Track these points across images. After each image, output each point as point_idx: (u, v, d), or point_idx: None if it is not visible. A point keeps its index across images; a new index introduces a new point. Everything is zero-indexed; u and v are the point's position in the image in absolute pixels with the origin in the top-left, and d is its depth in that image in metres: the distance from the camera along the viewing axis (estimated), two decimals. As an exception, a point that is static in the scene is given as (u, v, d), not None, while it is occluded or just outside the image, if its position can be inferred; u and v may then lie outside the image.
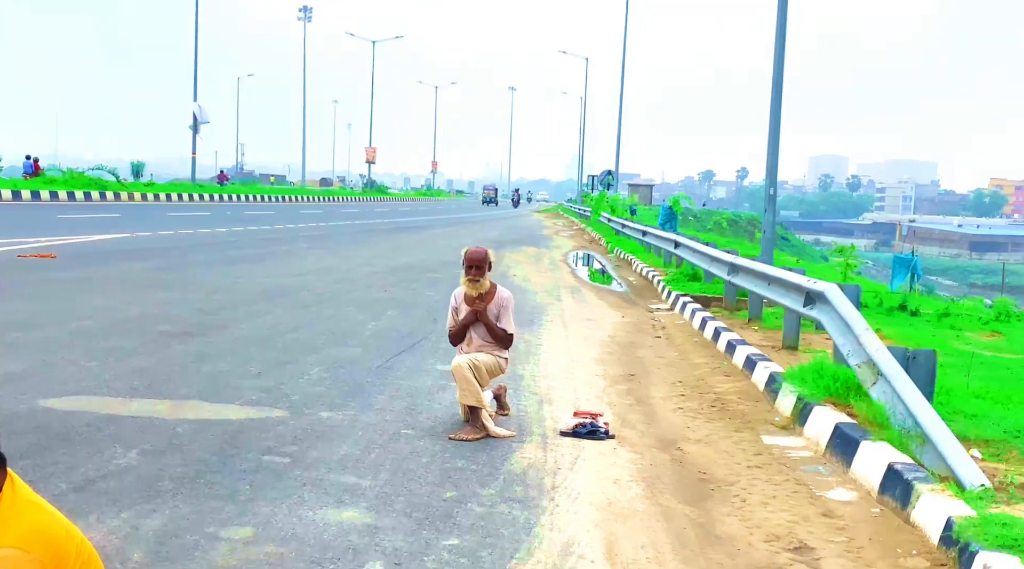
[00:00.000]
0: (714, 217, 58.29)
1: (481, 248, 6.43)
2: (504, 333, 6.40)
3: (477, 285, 6.34)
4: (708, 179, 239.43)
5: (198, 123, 53.40)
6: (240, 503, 4.54)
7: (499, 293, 6.46)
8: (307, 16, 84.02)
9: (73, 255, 15.39)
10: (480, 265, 6.32)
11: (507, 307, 6.44)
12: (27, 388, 6.41)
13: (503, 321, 6.40)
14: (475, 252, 6.37)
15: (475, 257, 6.35)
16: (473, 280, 6.34)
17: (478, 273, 6.33)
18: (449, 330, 6.55)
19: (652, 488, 5.28)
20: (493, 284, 6.49)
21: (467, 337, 6.45)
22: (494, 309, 6.39)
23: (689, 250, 16.16)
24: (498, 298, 6.43)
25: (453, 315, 6.51)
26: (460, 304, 6.47)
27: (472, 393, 6.13)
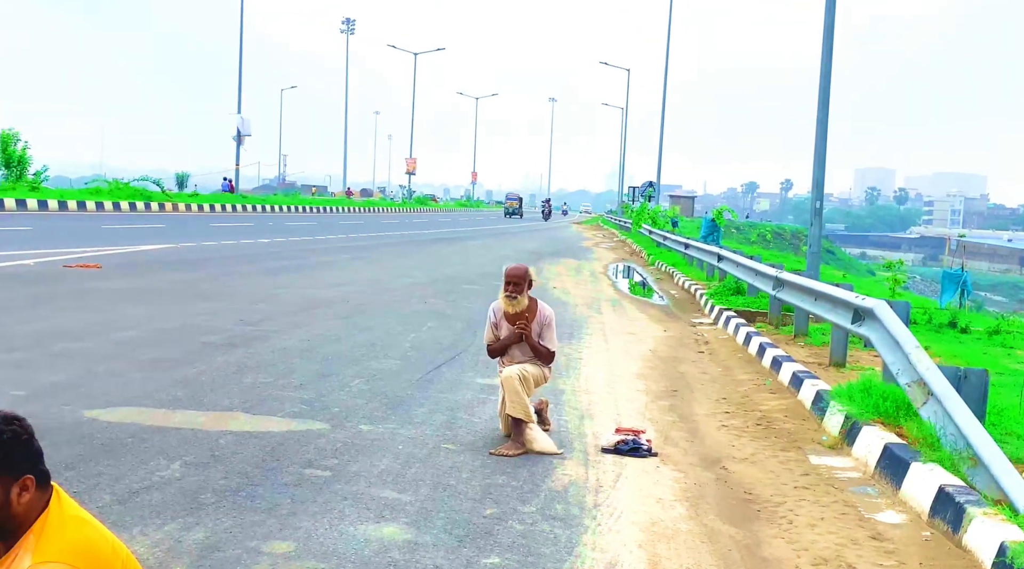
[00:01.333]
0: (758, 230, 57.76)
1: (521, 265, 6.30)
2: (547, 351, 6.30)
3: (515, 303, 6.20)
4: (752, 191, 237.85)
5: (241, 135, 54.06)
6: (281, 517, 4.52)
7: (541, 311, 6.32)
8: (350, 29, 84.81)
9: (118, 265, 15.59)
10: (518, 283, 6.18)
11: (550, 324, 6.32)
12: (72, 398, 6.46)
13: (546, 339, 6.30)
14: (514, 269, 6.23)
15: (514, 274, 6.20)
16: (511, 297, 6.19)
17: (516, 290, 6.18)
18: (488, 344, 6.43)
19: (696, 508, 5.19)
20: (534, 300, 6.35)
21: (508, 353, 6.37)
22: (536, 327, 6.28)
23: (733, 263, 16.00)
24: (540, 316, 6.30)
25: (492, 330, 6.38)
26: (500, 320, 6.34)
27: (521, 405, 6.03)
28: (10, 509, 2.26)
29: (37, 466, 2.33)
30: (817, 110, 14.38)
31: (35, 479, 2.30)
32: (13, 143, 36.66)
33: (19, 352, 7.86)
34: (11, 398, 6.34)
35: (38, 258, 15.67)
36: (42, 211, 32.41)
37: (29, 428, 2.34)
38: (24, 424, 2.34)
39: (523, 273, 6.21)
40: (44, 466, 2.36)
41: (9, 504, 2.26)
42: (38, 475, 2.32)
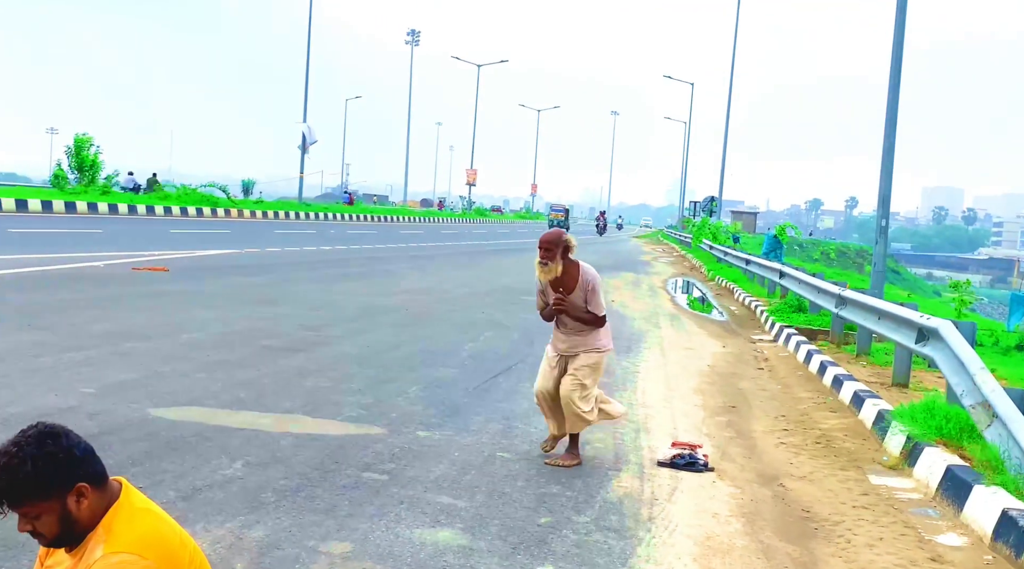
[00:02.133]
0: (821, 247, 56.96)
1: (556, 230, 5.92)
2: (594, 317, 5.95)
3: (546, 269, 5.83)
4: (815, 208, 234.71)
5: (307, 143, 54.88)
6: (339, 518, 4.59)
7: (583, 275, 5.91)
8: (415, 40, 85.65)
9: (184, 269, 15.93)
10: (550, 248, 5.81)
11: (594, 289, 5.91)
12: (139, 397, 6.63)
13: (592, 304, 5.92)
14: (547, 235, 5.89)
15: (545, 239, 5.86)
16: (542, 263, 5.82)
17: (547, 256, 5.81)
18: (539, 310, 6.17)
19: (752, 524, 5.15)
20: (576, 265, 5.93)
21: (560, 319, 6.08)
22: (580, 293, 5.89)
23: (795, 280, 15.81)
24: (583, 281, 5.89)
25: (540, 296, 6.09)
26: (546, 286, 5.99)
27: (583, 421, 6.02)
28: (73, 518, 2.32)
29: (87, 470, 2.35)
30: (884, 127, 14.18)
31: (89, 483, 2.33)
32: (86, 148, 37.65)
33: (89, 351, 8.08)
34: (81, 395, 6.52)
35: (108, 260, 16.09)
36: (112, 215, 33.23)
37: (69, 441, 2.33)
38: (59, 440, 2.32)
39: (555, 238, 5.84)
40: (97, 466, 2.38)
41: (70, 514, 2.31)
42: (91, 478, 2.35)
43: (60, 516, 2.30)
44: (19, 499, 2.26)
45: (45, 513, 2.29)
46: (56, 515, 2.29)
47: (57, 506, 2.29)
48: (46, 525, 2.30)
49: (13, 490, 2.25)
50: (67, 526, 2.32)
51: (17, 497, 2.26)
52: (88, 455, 2.37)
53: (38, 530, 2.31)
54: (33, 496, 2.26)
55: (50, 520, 2.29)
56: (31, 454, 2.26)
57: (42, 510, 2.28)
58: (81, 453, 2.35)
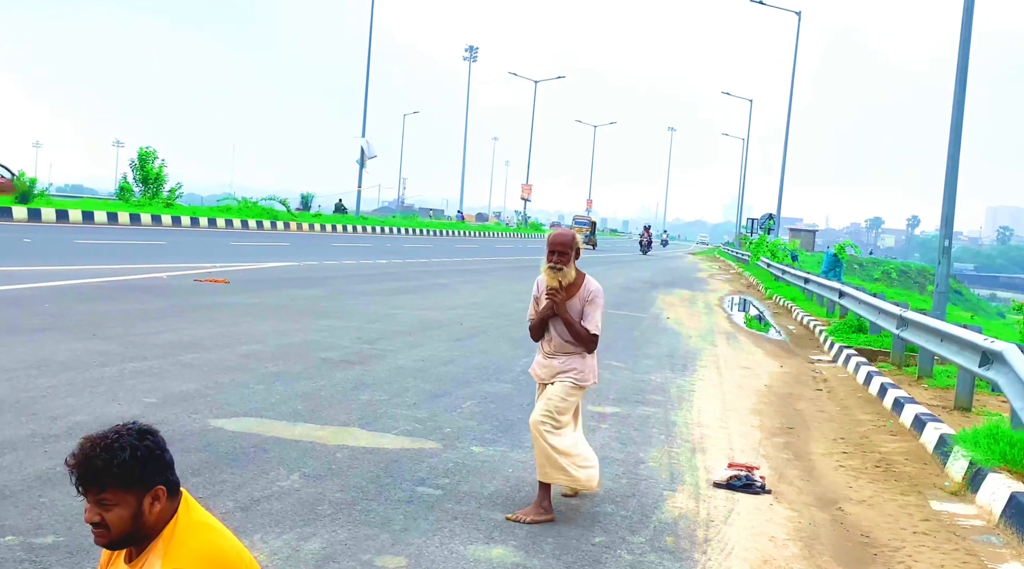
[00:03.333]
0: (882, 267, 56.09)
1: (567, 231, 5.46)
2: (585, 332, 5.35)
3: (559, 274, 5.31)
4: (876, 226, 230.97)
5: (365, 158, 55.49)
6: (394, 532, 4.62)
7: (587, 284, 5.40)
8: (472, 56, 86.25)
9: (244, 281, 16.18)
10: (564, 251, 5.30)
11: (594, 301, 5.38)
12: (199, 407, 6.74)
13: (588, 318, 5.36)
14: (558, 235, 5.39)
15: (558, 241, 5.33)
16: (554, 268, 5.31)
17: (561, 260, 5.29)
18: (529, 321, 5.65)
19: (810, 548, 5.07)
20: (581, 273, 5.44)
21: (547, 334, 5.54)
22: (578, 303, 5.37)
23: (855, 300, 15.58)
24: (584, 290, 5.38)
25: (534, 305, 5.57)
26: (541, 293, 5.50)
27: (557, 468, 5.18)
28: (143, 518, 2.38)
29: (168, 476, 2.43)
30: (948, 145, 13.93)
31: (166, 489, 2.41)
32: (151, 161, 38.49)
33: (152, 361, 8.24)
34: (144, 405, 6.65)
35: (171, 272, 16.41)
36: (175, 227, 33.90)
37: (162, 442, 2.45)
38: (157, 438, 2.44)
39: (569, 240, 5.36)
40: (175, 475, 2.47)
41: (142, 514, 2.37)
42: (168, 485, 2.42)
43: (133, 512, 2.36)
44: (106, 483, 2.33)
45: (121, 505, 2.35)
46: (130, 510, 2.35)
47: (134, 501, 2.36)
48: (116, 518, 2.35)
49: (106, 472, 2.32)
50: (135, 525, 2.37)
51: (106, 481, 2.33)
52: (172, 462, 2.47)
53: (106, 521, 2.35)
54: (120, 483, 2.33)
55: (123, 514, 2.35)
56: (130, 443, 2.36)
57: (120, 501, 2.34)
58: (168, 458, 2.46)
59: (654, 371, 10.68)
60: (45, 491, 4.69)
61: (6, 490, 4.66)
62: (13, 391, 6.66)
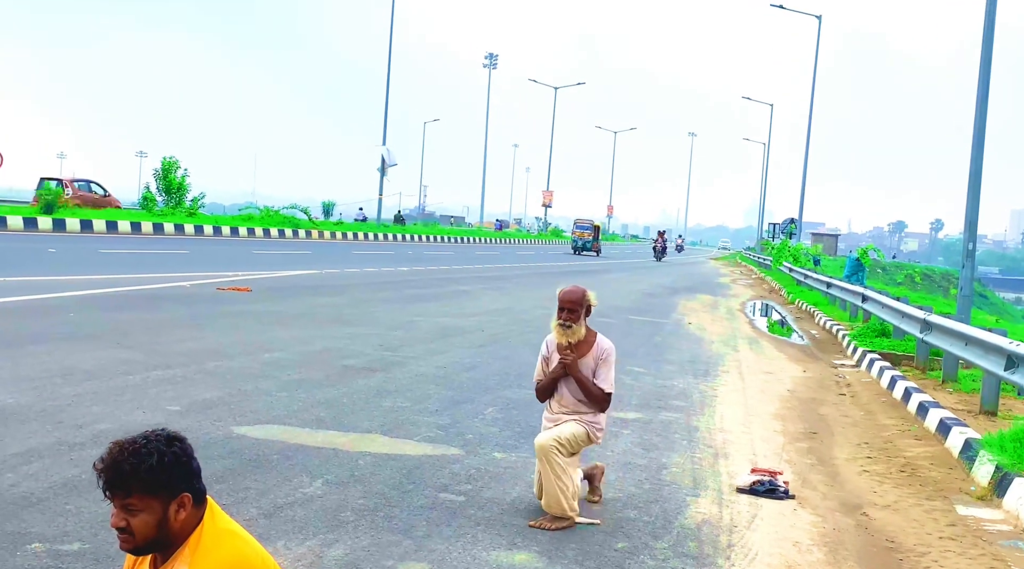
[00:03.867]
0: (905, 270, 55.70)
1: (577, 288, 5.30)
2: (599, 391, 5.23)
3: (569, 332, 5.21)
4: (899, 230, 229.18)
5: (386, 166, 55.68)
6: (417, 538, 4.63)
7: (599, 343, 5.31)
8: (492, 63, 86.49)
9: (266, 289, 16.27)
10: (574, 308, 5.20)
11: (607, 360, 5.27)
12: (222, 415, 6.78)
13: (601, 377, 5.24)
14: (569, 292, 5.26)
15: (568, 299, 5.23)
16: (564, 326, 5.21)
17: (571, 317, 5.20)
18: (536, 383, 5.48)
19: (835, 554, 5.04)
20: (592, 332, 5.34)
21: (557, 393, 5.38)
22: (591, 361, 5.25)
23: (878, 304, 15.48)
24: (597, 349, 5.28)
25: (543, 364, 5.42)
26: (552, 353, 5.37)
27: (556, 498, 5.02)
28: (168, 525, 2.40)
29: (194, 484, 2.45)
30: (972, 147, 13.83)
31: (192, 497, 2.43)
32: (173, 171, 38.80)
33: (176, 369, 8.30)
34: (168, 413, 6.70)
35: (194, 281, 16.52)
36: (198, 236, 34.13)
37: (189, 449, 2.46)
38: (185, 446, 2.45)
39: (579, 297, 5.23)
40: (201, 484, 2.48)
41: (167, 520, 2.39)
42: (195, 493, 2.44)
43: (158, 519, 2.37)
44: (133, 488, 2.35)
45: (146, 511, 2.36)
46: (155, 516, 2.37)
47: (160, 507, 2.37)
48: (141, 524, 2.37)
49: (133, 477, 2.34)
50: (160, 532, 2.39)
51: (133, 485, 2.34)
52: (198, 471, 2.49)
53: (131, 527, 2.37)
54: (146, 489, 2.35)
55: (148, 520, 2.37)
56: (158, 449, 2.38)
57: (146, 506, 2.36)
58: (195, 466, 2.48)
59: (676, 377, 10.65)
60: (71, 499, 4.73)
61: (32, 497, 4.71)
62: (39, 399, 6.73)
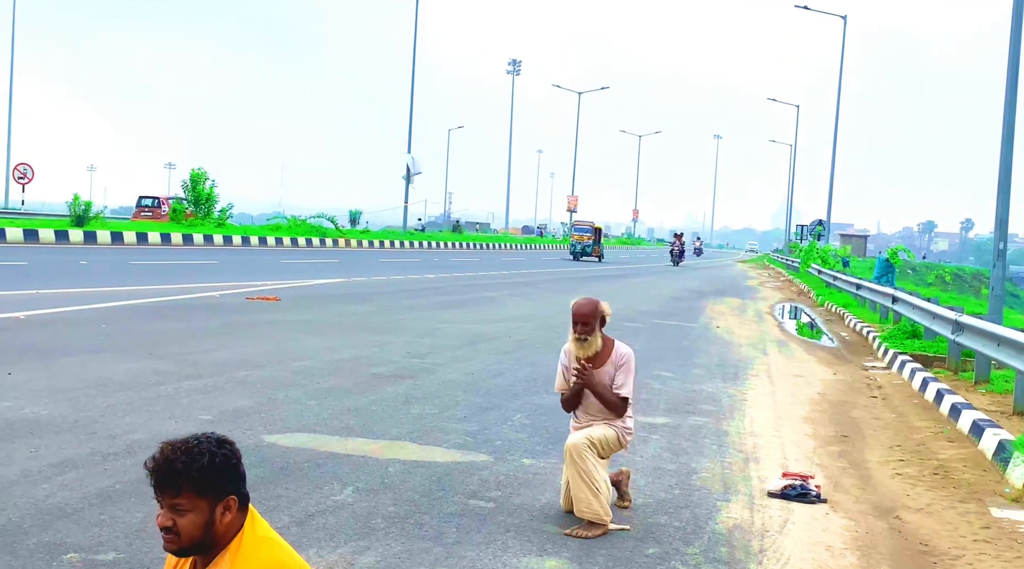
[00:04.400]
0: (935, 271, 55.15)
1: (591, 300, 5.32)
2: (616, 399, 5.25)
3: (585, 345, 5.23)
4: (929, 230, 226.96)
5: (411, 174, 55.93)
6: (447, 545, 4.64)
7: (617, 350, 5.33)
8: (516, 69, 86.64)
9: (295, 298, 16.38)
10: (588, 321, 5.21)
11: (626, 366, 5.29)
12: (253, 423, 6.84)
13: (619, 383, 5.27)
14: (582, 305, 5.27)
15: (581, 312, 5.24)
16: (580, 339, 5.24)
17: (585, 331, 5.21)
18: (559, 392, 5.54)
19: (868, 557, 5.00)
20: (609, 340, 5.37)
21: (583, 402, 5.40)
22: (610, 369, 5.28)
23: (908, 306, 15.35)
24: (616, 355, 5.30)
25: (563, 375, 5.45)
26: (571, 363, 5.36)
27: (587, 502, 4.99)
28: (213, 527, 2.43)
29: (240, 488, 2.49)
30: (1001, 145, 13.69)
31: (237, 500, 2.46)
32: (202, 182, 39.17)
33: (207, 379, 8.38)
34: (199, 422, 6.76)
35: (223, 291, 16.67)
36: (227, 246, 34.42)
37: (238, 453, 2.51)
38: (234, 449, 2.50)
39: (592, 310, 5.25)
40: (246, 489, 2.52)
41: (213, 522, 2.43)
42: (240, 496, 2.48)
43: (205, 520, 2.41)
44: (183, 487, 2.38)
45: (194, 511, 2.40)
46: (203, 517, 2.41)
47: (207, 508, 2.41)
48: (188, 524, 2.40)
49: (185, 475, 2.38)
50: (206, 534, 2.42)
51: (183, 484, 2.38)
52: (244, 476, 2.53)
53: (178, 527, 2.40)
54: (196, 488, 2.39)
55: (195, 520, 2.40)
56: (210, 449, 2.42)
57: (193, 506, 2.40)
58: (242, 470, 2.52)
59: (705, 381, 10.61)
60: (106, 508, 4.79)
61: (68, 508, 4.77)
62: (73, 410, 6.81)
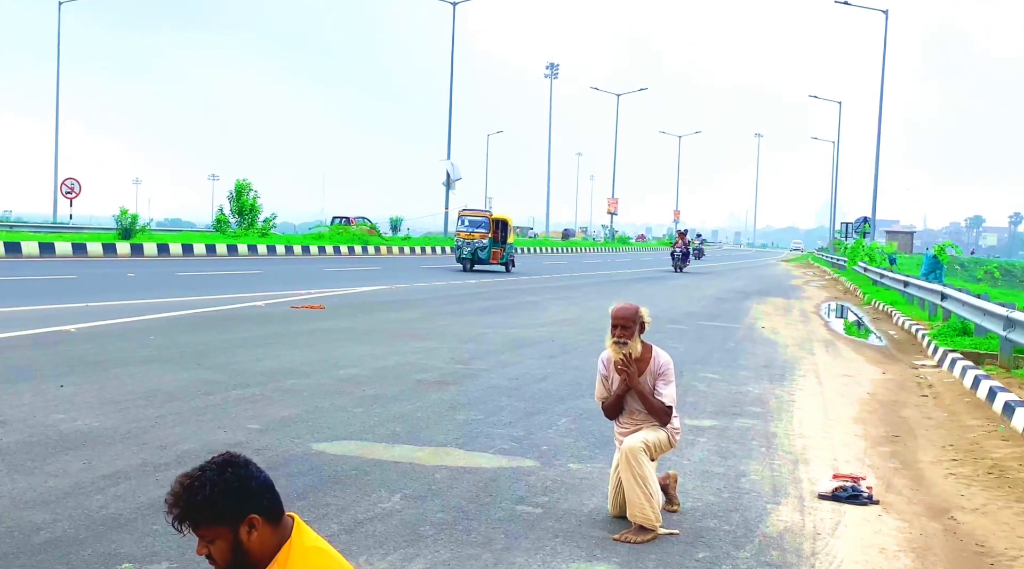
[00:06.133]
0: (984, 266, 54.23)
1: (630, 305, 5.34)
2: (660, 405, 5.26)
3: (624, 348, 5.24)
4: (976, 225, 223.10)
5: (451, 180, 56.13)
6: (496, 552, 4.64)
7: (656, 358, 5.32)
8: (553, 73, 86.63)
9: (339, 306, 16.50)
10: (627, 325, 5.23)
11: (665, 374, 5.30)
12: (301, 432, 6.89)
13: (659, 391, 5.27)
14: (621, 309, 5.30)
15: (622, 316, 5.26)
16: (620, 343, 5.25)
17: (624, 334, 5.23)
18: (600, 401, 5.52)
19: (923, 559, 4.91)
20: (648, 346, 5.36)
21: (626, 408, 5.41)
22: (649, 378, 5.30)
23: (958, 303, 15.10)
24: (655, 363, 5.30)
25: (603, 383, 5.48)
26: (610, 371, 5.39)
27: (640, 506, 4.99)
28: (243, 547, 2.44)
29: (261, 504, 2.46)
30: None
31: (262, 516, 2.44)
32: (246, 193, 39.66)
33: (254, 388, 8.46)
34: (248, 431, 6.83)
35: (268, 300, 16.83)
36: (270, 255, 34.78)
37: (244, 473, 2.46)
38: (239, 470, 2.45)
39: (632, 314, 5.27)
40: (273, 501, 2.49)
41: (241, 543, 2.43)
42: (264, 511, 2.45)
43: (232, 544, 2.42)
44: (197, 521, 2.42)
45: (219, 538, 2.42)
46: (228, 542, 2.42)
47: (229, 534, 2.42)
48: (219, 551, 2.43)
49: (192, 511, 2.41)
50: (238, 555, 2.43)
51: (195, 519, 2.42)
52: (264, 489, 2.49)
53: (213, 555, 2.44)
54: (208, 520, 2.41)
55: (223, 546, 2.43)
56: (210, 479, 2.42)
57: (216, 535, 2.42)
58: (257, 486, 2.47)
59: (751, 382, 10.51)
60: (158, 519, 4.85)
61: (121, 518, 4.84)
62: (124, 421, 6.91)
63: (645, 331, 5.35)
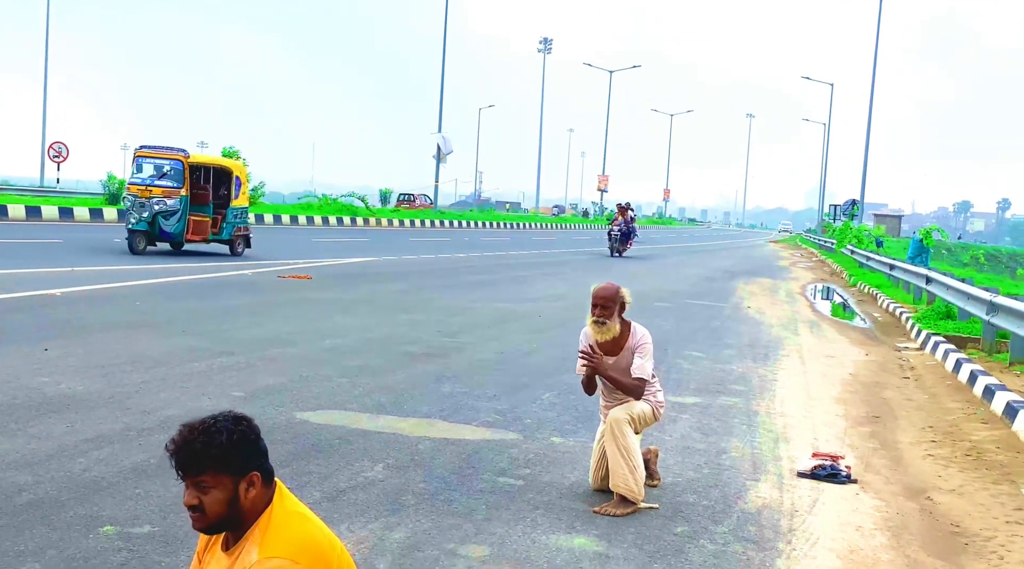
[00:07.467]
0: (970, 251, 54.52)
1: (611, 284, 5.32)
2: (631, 382, 5.21)
3: (603, 328, 5.21)
4: (964, 210, 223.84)
5: (442, 153, 55.96)
6: (477, 522, 4.68)
7: (634, 332, 5.29)
8: (547, 48, 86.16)
9: (326, 277, 16.48)
10: (607, 305, 5.20)
11: (642, 347, 5.24)
12: (285, 401, 6.91)
13: (634, 365, 5.21)
14: (602, 289, 5.27)
15: (601, 296, 5.23)
16: (599, 322, 5.21)
17: (603, 314, 5.20)
18: (579, 375, 5.45)
19: (898, 538, 4.98)
20: (627, 323, 5.33)
21: (607, 386, 5.39)
22: (628, 354, 5.25)
23: (942, 286, 15.18)
24: (632, 339, 5.26)
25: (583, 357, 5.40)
26: (591, 346, 5.31)
27: (624, 477, 5.01)
28: (238, 503, 2.47)
29: (262, 463, 2.52)
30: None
31: (261, 476, 2.50)
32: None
33: (239, 356, 8.46)
34: (232, 398, 6.84)
35: (255, 269, 16.80)
36: (258, 225, 34.57)
37: (256, 429, 2.54)
38: (252, 425, 2.53)
39: (612, 293, 5.24)
40: (269, 464, 2.55)
41: (238, 498, 2.46)
42: (263, 472, 2.51)
43: (229, 497, 2.45)
44: (204, 467, 2.42)
45: (218, 488, 2.44)
46: (227, 494, 2.44)
47: (230, 485, 2.44)
48: (213, 501, 2.44)
49: (204, 455, 2.42)
50: (231, 510, 2.46)
51: (204, 464, 2.42)
52: (266, 452, 2.56)
53: (203, 505, 2.44)
54: (217, 467, 2.42)
55: (219, 497, 2.44)
56: (227, 427, 2.46)
57: (217, 484, 2.43)
58: (263, 445, 2.55)
59: (735, 361, 10.57)
60: (140, 482, 4.87)
61: (103, 482, 4.85)
62: (108, 386, 6.92)
63: (626, 311, 5.34)
